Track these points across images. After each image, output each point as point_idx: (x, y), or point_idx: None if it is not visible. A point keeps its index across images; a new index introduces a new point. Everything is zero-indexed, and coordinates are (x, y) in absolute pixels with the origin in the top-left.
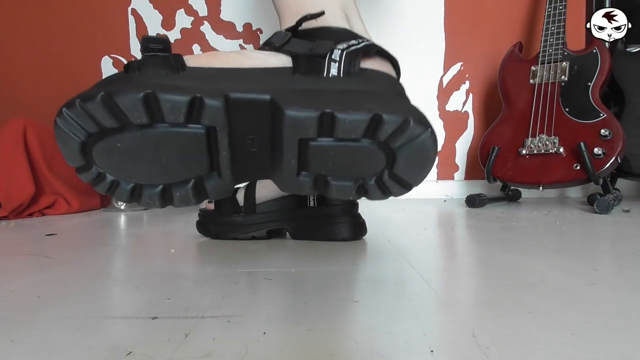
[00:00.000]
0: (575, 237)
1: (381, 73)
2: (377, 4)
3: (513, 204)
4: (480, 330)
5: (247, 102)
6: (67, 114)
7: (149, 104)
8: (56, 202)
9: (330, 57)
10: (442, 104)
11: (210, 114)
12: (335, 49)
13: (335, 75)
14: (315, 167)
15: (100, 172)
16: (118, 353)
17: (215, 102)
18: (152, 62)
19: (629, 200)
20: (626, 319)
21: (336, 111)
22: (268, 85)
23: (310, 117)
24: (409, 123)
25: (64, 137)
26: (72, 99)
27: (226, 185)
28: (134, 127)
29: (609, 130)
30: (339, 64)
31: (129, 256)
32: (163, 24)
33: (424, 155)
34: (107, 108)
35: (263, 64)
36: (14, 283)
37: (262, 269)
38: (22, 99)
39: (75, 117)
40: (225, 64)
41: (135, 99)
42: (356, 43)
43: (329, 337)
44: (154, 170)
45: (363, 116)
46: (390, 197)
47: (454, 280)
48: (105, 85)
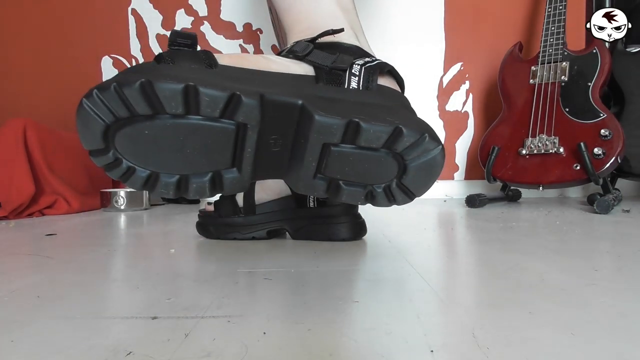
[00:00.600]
0: (575, 237)
1: (391, 89)
2: (378, 4)
3: (513, 204)
4: (480, 330)
5: (280, 104)
6: (98, 96)
7: (188, 95)
8: (56, 202)
9: (350, 71)
10: (442, 104)
11: (245, 111)
12: (354, 63)
13: (355, 87)
14: (332, 171)
15: (117, 158)
16: (118, 353)
17: (252, 101)
18: (183, 56)
19: (629, 200)
20: (626, 319)
21: (362, 121)
22: (297, 90)
23: (338, 124)
24: (425, 138)
25: (87, 119)
26: (106, 82)
27: (244, 181)
28: (166, 117)
29: (609, 130)
30: (358, 77)
31: (129, 256)
32: (163, 24)
33: (433, 169)
34: (144, 95)
35: (288, 70)
36: (14, 283)
37: (262, 269)
38: (22, 99)
39: (107, 101)
40: (255, 66)
41: (176, 89)
42: (371, 60)
43: (329, 337)
44: (175, 159)
45: (386, 128)
46: (394, 205)
47: (454, 280)
48: (141, 72)
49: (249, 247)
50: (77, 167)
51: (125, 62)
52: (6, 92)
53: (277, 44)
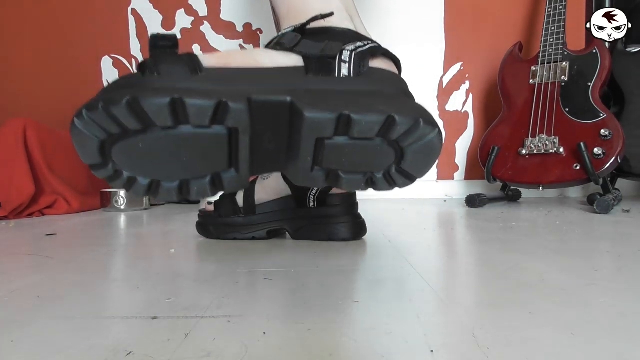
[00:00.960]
0: (575, 237)
1: (387, 71)
2: (378, 4)
3: (513, 204)
4: (480, 330)
5: (268, 104)
6: (88, 116)
7: (175, 108)
8: (56, 202)
9: (340, 58)
10: (442, 104)
11: (234, 116)
12: (344, 50)
13: (346, 75)
14: (329, 163)
15: (117, 170)
16: (118, 353)
17: (240, 106)
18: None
19: (629, 200)
20: (626, 319)
21: (352, 113)
22: (285, 86)
23: (328, 119)
24: (419, 124)
25: (81, 137)
26: (94, 101)
27: (242, 179)
28: (158, 129)
29: (609, 130)
30: (349, 64)
31: (129, 256)
32: (163, 24)
33: (431, 152)
34: (132, 112)
35: (276, 64)
36: (14, 283)
37: (262, 269)
38: (22, 99)
39: (97, 120)
40: (241, 64)
41: (162, 104)
42: (362, 45)
43: (329, 337)
44: (173, 167)
45: (378, 117)
46: (395, 188)
47: (454, 280)
48: (126, 87)
49: (249, 247)
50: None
51: (125, 62)
52: (6, 92)
53: None
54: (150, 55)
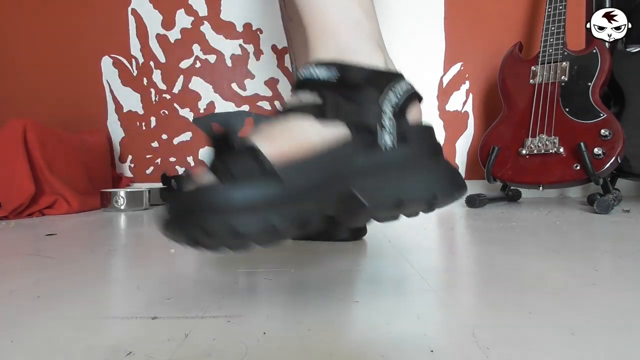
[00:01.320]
0: (575, 237)
1: (421, 129)
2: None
3: (513, 204)
4: (480, 330)
5: (342, 199)
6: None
7: (269, 234)
8: (56, 202)
9: (382, 124)
10: (442, 104)
11: (317, 224)
12: (383, 112)
13: (390, 147)
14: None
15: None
16: (118, 353)
17: (321, 219)
18: (241, 171)
19: (629, 200)
20: (626, 319)
21: (405, 198)
22: (347, 171)
23: (390, 215)
24: (455, 197)
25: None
26: (192, 231)
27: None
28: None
29: (609, 131)
30: (390, 133)
31: (129, 256)
32: (163, 24)
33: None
34: (231, 237)
35: (328, 144)
36: (14, 283)
37: (262, 269)
38: (22, 99)
39: (199, 243)
40: (298, 146)
41: (258, 229)
42: (397, 100)
43: (329, 337)
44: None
45: (426, 196)
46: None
47: (454, 280)
48: (216, 212)
49: None
50: (77, 167)
51: (125, 62)
52: (6, 92)
53: (277, 44)
54: (218, 161)
